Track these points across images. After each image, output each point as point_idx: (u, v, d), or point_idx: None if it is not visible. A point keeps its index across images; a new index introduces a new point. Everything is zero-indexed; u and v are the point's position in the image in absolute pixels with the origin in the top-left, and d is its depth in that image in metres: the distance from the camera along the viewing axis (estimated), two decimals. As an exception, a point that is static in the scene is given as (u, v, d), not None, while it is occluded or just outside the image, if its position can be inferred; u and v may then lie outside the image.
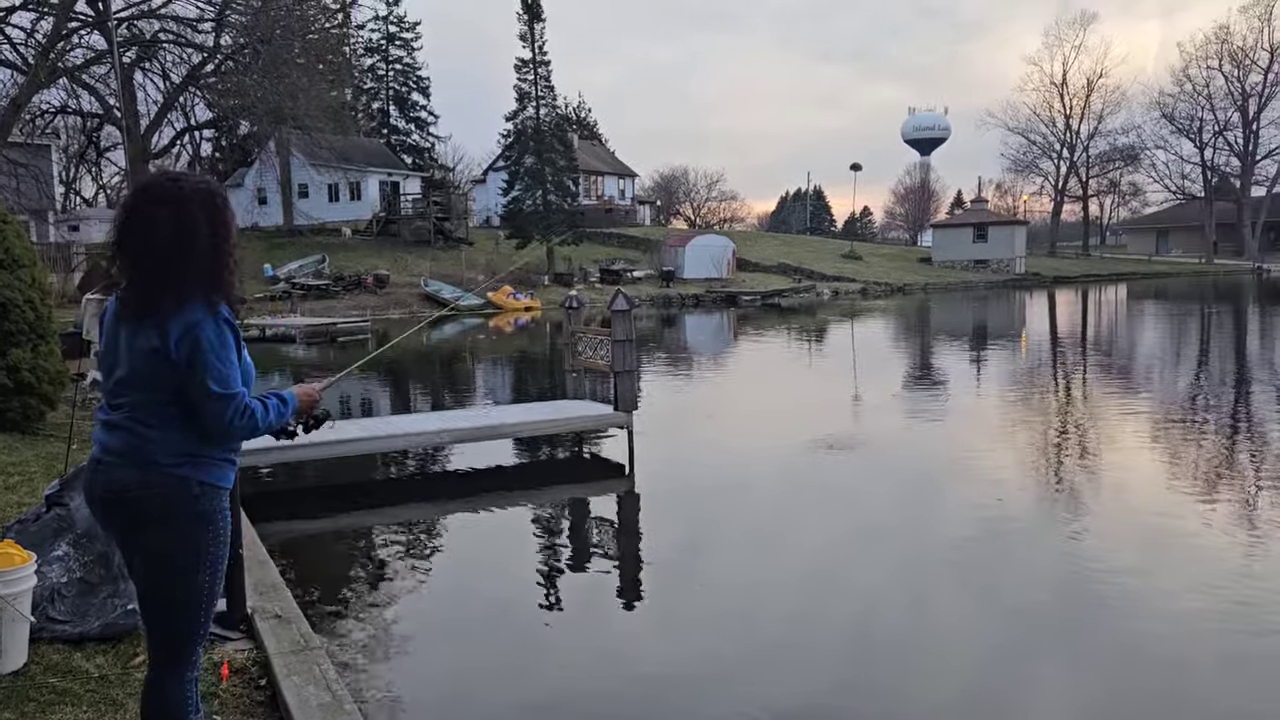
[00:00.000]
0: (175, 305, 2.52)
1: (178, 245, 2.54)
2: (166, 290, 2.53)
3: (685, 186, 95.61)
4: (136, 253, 2.57)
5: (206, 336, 2.51)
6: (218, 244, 2.61)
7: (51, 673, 3.84)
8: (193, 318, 2.52)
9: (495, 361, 23.00)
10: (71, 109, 38.19)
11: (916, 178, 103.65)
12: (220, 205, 2.66)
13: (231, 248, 2.65)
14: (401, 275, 40.74)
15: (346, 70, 47.92)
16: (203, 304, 2.55)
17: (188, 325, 2.51)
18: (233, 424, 2.55)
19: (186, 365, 2.51)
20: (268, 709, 3.70)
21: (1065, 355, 20.81)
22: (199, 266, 2.56)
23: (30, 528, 4.32)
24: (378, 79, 62.59)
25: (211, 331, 2.52)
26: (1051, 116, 79.57)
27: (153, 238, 2.55)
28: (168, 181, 2.65)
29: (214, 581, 2.70)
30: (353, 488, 9.50)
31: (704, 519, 8.11)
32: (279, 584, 5.06)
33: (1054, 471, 9.65)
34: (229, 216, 2.67)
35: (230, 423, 2.54)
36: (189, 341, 2.50)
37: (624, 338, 9.97)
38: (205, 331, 2.51)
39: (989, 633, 5.48)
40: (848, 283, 51.42)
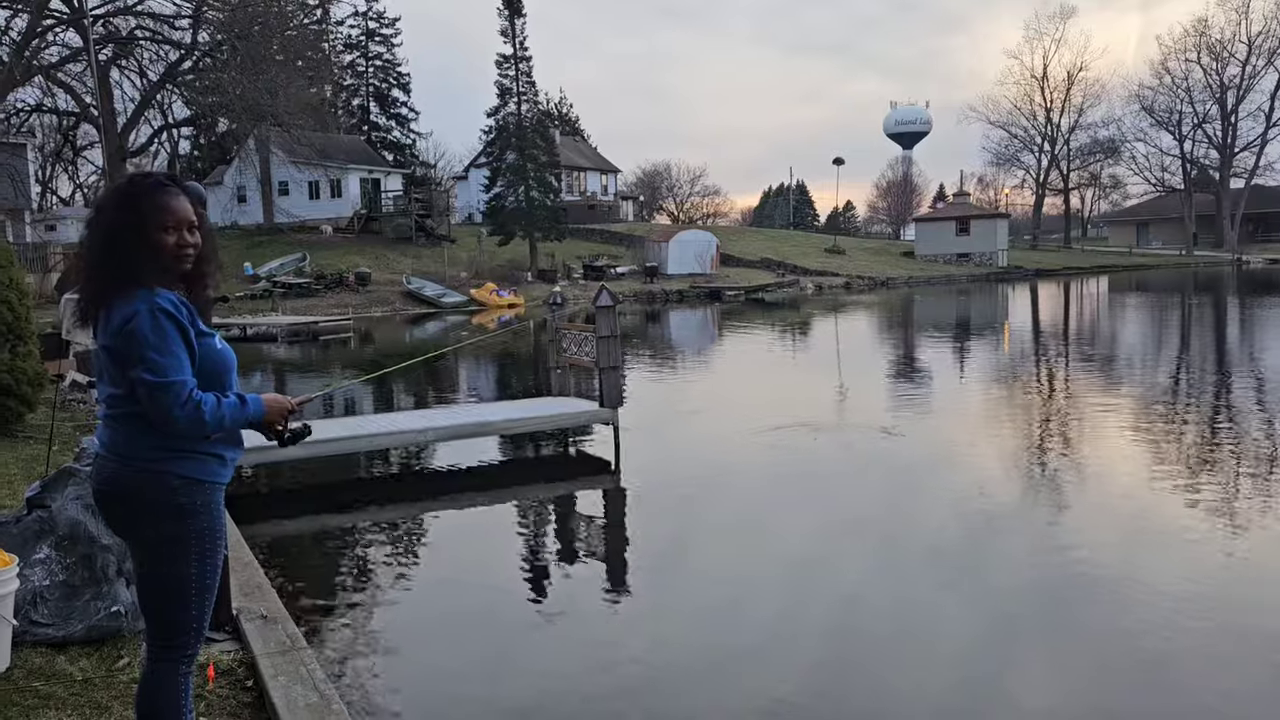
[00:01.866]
0: (112, 300, 2.60)
1: (101, 243, 2.66)
2: (102, 288, 2.63)
3: (668, 182, 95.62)
4: (84, 251, 2.74)
5: (141, 328, 2.54)
6: (138, 236, 2.61)
7: (35, 676, 3.80)
8: (127, 311, 2.56)
9: (479, 359, 22.94)
10: (47, 107, 37.82)
11: (899, 172, 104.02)
12: (135, 196, 2.66)
13: (152, 237, 2.62)
14: (383, 273, 40.58)
15: (326, 67, 47.63)
16: (139, 297, 2.57)
17: (123, 319, 2.56)
18: (172, 413, 2.53)
19: (124, 357, 2.56)
20: (254, 710, 3.68)
21: (1047, 347, 20.94)
22: (123, 261, 2.60)
23: (11, 530, 4.28)
24: (357, 75, 62.30)
25: (147, 323, 2.54)
26: (1032, 110, 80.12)
27: (88, 239, 2.70)
28: (111, 186, 2.72)
29: (203, 574, 2.70)
30: (337, 487, 9.45)
31: (690, 513, 8.11)
32: (264, 585, 5.03)
33: (1036, 462, 9.71)
34: (149, 205, 2.64)
35: (169, 411, 2.53)
36: (124, 334, 2.55)
37: (608, 334, 9.96)
38: (140, 323, 2.54)
39: (972, 623, 5.50)
40: (831, 277, 51.58)
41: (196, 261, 2.74)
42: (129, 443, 2.63)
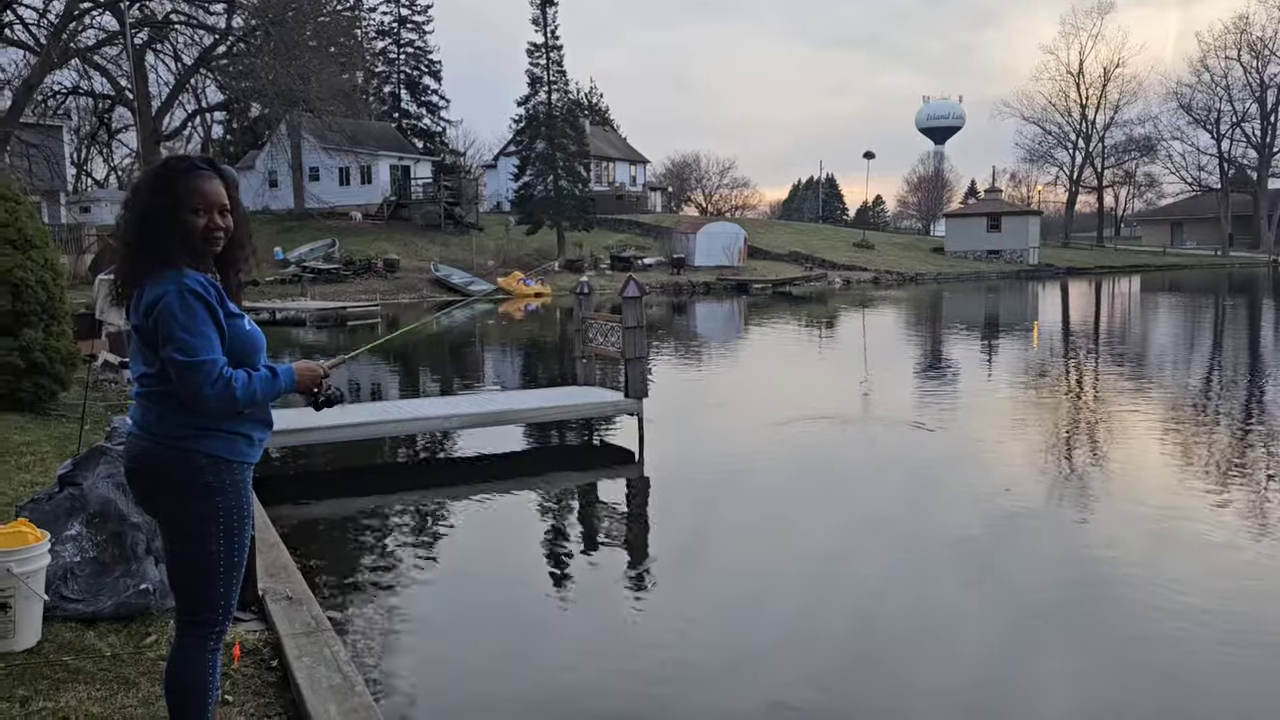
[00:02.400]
0: (143, 281, 2.64)
1: (135, 224, 2.68)
2: (134, 268, 2.67)
3: (697, 173, 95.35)
4: (119, 231, 2.79)
5: (170, 307, 2.57)
6: (169, 217, 2.65)
7: (64, 651, 3.86)
8: (157, 292, 2.59)
9: (505, 347, 23.02)
10: (83, 90, 38.20)
11: (930, 167, 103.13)
12: (168, 178, 2.68)
13: (183, 219, 2.65)
14: (411, 260, 40.78)
15: (358, 53, 47.87)
16: (168, 278, 2.61)
17: (153, 299, 2.59)
18: (203, 392, 2.56)
19: (155, 337, 2.60)
20: (279, 690, 3.71)
21: (1077, 347, 20.71)
22: (155, 242, 2.64)
23: (44, 507, 4.34)
24: (389, 62, 62.52)
25: (175, 302, 2.57)
26: (1067, 106, 79.08)
27: (124, 220, 2.73)
28: (148, 168, 2.79)
29: (230, 552, 2.74)
30: (362, 471, 9.52)
31: (713, 505, 8.10)
32: (290, 566, 5.07)
33: (1063, 462, 9.61)
34: (181, 187, 2.67)
35: (200, 390, 2.56)
36: (155, 314, 2.58)
37: (635, 324, 9.96)
38: (170, 302, 2.57)
39: (994, 624, 5.46)
40: (859, 271, 51.28)
41: (229, 245, 2.77)
42: (159, 421, 2.67)
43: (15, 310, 8.85)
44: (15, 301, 8.85)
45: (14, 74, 29.61)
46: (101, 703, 3.43)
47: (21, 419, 8.75)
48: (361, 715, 3.36)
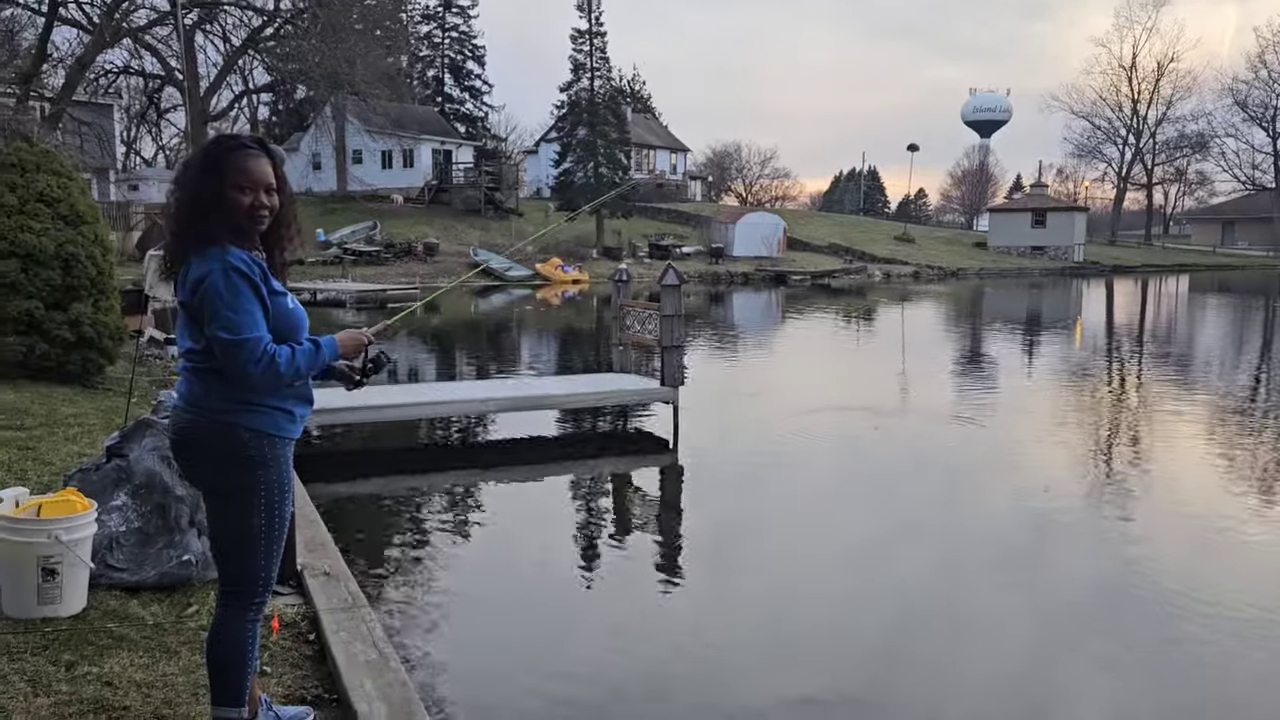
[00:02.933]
0: (190, 257, 2.68)
1: (183, 201, 2.73)
2: (181, 245, 2.72)
3: (738, 163, 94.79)
4: (167, 208, 2.81)
5: (215, 285, 2.61)
6: (215, 195, 2.68)
7: (109, 618, 3.95)
8: (202, 270, 2.64)
9: (542, 333, 23.11)
10: (134, 69, 38.76)
11: (975, 160, 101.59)
12: (216, 156, 2.72)
13: (228, 197, 2.68)
14: (451, 244, 41.02)
15: (403, 37, 48.13)
16: (212, 255, 2.64)
17: (198, 277, 2.64)
18: (248, 369, 2.61)
19: (200, 314, 2.65)
20: (315, 663, 3.77)
21: (1121, 346, 20.39)
22: (201, 219, 2.68)
23: (91, 477, 4.44)
24: (433, 46, 62.79)
25: (220, 280, 2.61)
26: (1118, 101, 77.53)
27: (173, 197, 2.77)
28: (198, 146, 2.79)
29: (271, 527, 2.79)
30: (398, 452, 9.62)
31: (747, 496, 8.10)
32: (328, 542, 5.15)
33: (1104, 463, 9.48)
34: (228, 165, 2.70)
35: (245, 367, 2.61)
36: (200, 292, 2.63)
37: (672, 313, 9.95)
38: (214, 280, 2.61)
39: (1029, 624, 5.41)
40: (900, 265, 50.79)
41: (274, 224, 2.81)
42: (204, 395, 2.72)
43: (65, 284, 9.04)
44: (66, 276, 9.03)
45: (68, 52, 30.12)
46: (144, 669, 3.51)
47: (69, 391, 8.94)
48: (396, 691, 3.41)
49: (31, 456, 6.41)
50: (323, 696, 3.50)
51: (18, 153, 9.34)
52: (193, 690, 3.36)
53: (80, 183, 9.79)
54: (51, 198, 9.13)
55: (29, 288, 8.82)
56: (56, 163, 9.51)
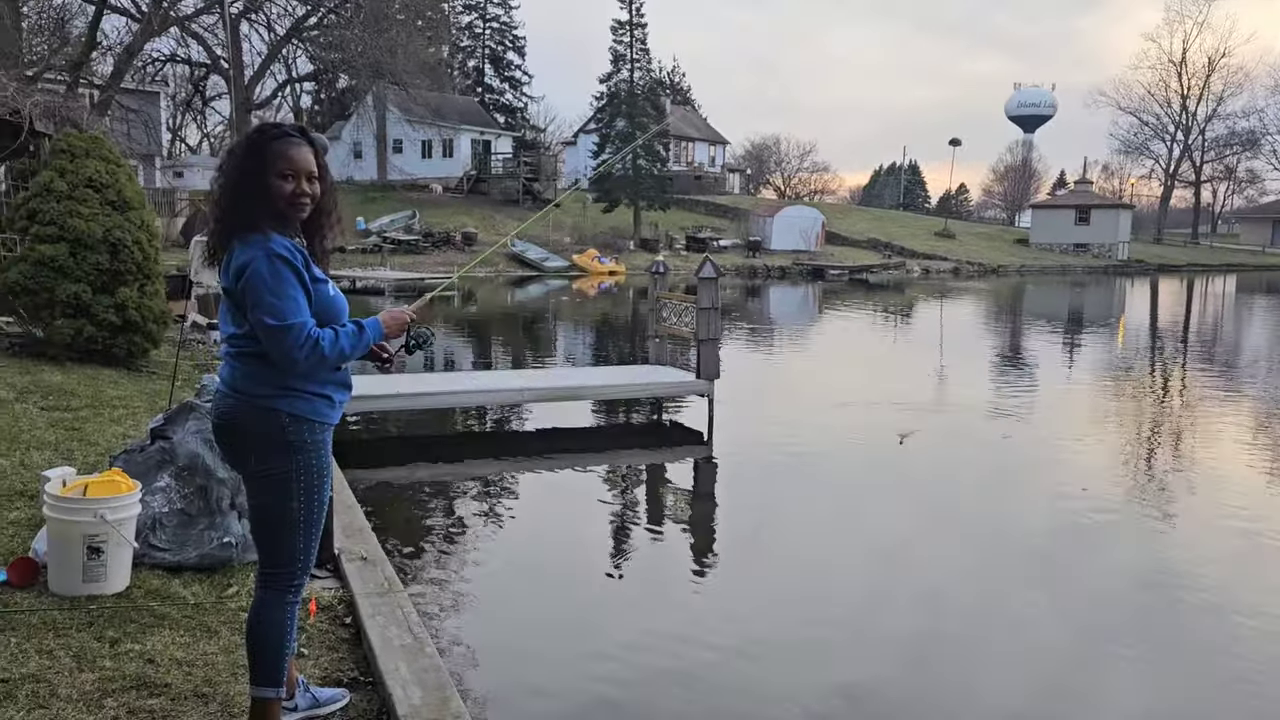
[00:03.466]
0: (235, 244, 2.72)
1: (227, 188, 2.77)
2: (225, 233, 2.75)
3: (776, 156, 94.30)
4: (212, 195, 2.85)
5: (258, 271, 2.64)
6: (257, 181, 2.72)
7: (151, 597, 4.02)
8: (245, 256, 2.67)
9: (577, 324, 23.16)
10: (181, 58, 39.22)
11: (1018, 156, 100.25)
12: (260, 144, 2.75)
13: (270, 184, 2.72)
14: (489, 234, 41.20)
15: (444, 27, 48.36)
16: (254, 242, 2.68)
17: (242, 264, 2.67)
18: (293, 354, 2.64)
19: (244, 300, 2.68)
20: (351, 646, 3.82)
21: (1165, 346, 20.05)
22: (243, 206, 2.72)
23: (136, 458, 4.52)
24: (474, 37, 63.04)
25: (264, 266, 2.64)
26: (1167, 97, 76.10)
27: (217, 184, 2.81)
28: (242, 133, 2.83)
29: (310, 510, 2.83)
30: (434, 440, 9.69)
31: (781, 490, 8.07)
32: (365, 527, 5.21)
33: (1144, 464, 9.34)
34: (270, 153, 2.73)
35: (290, 353, 2.64)
36: (244, 278, 2.66)
37: (709, 305, 9.93)
38: (258, 266, 2.64)
39: (1064, 626, 5.34)
40: (940, 261, 50.28)
41: (315, 211, 2.84)
42: (246, 380, 2.76)
43: (113, 269, 9.20)
44: (113, 260, 9.19)
45: (116, 40, 30.58)
46: (185, 648, 3.58)
47: (115, 374, 9.11)
48: (431, 675, 3.44)
49: (78, 437, 6.54)
50: (358, 679, 3.55)
51: (68, 139, 9.51)
52: (232, 669, 3.42)
53: (128, 169, 9.95)
54: (100, 183, 9.28)
55: (77, 272, 8.98)
56: (105, 149, 9.67)
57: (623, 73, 45.65)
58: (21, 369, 8.58)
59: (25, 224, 9.11)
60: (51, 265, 8.90)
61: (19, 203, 9.49)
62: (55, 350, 9.13)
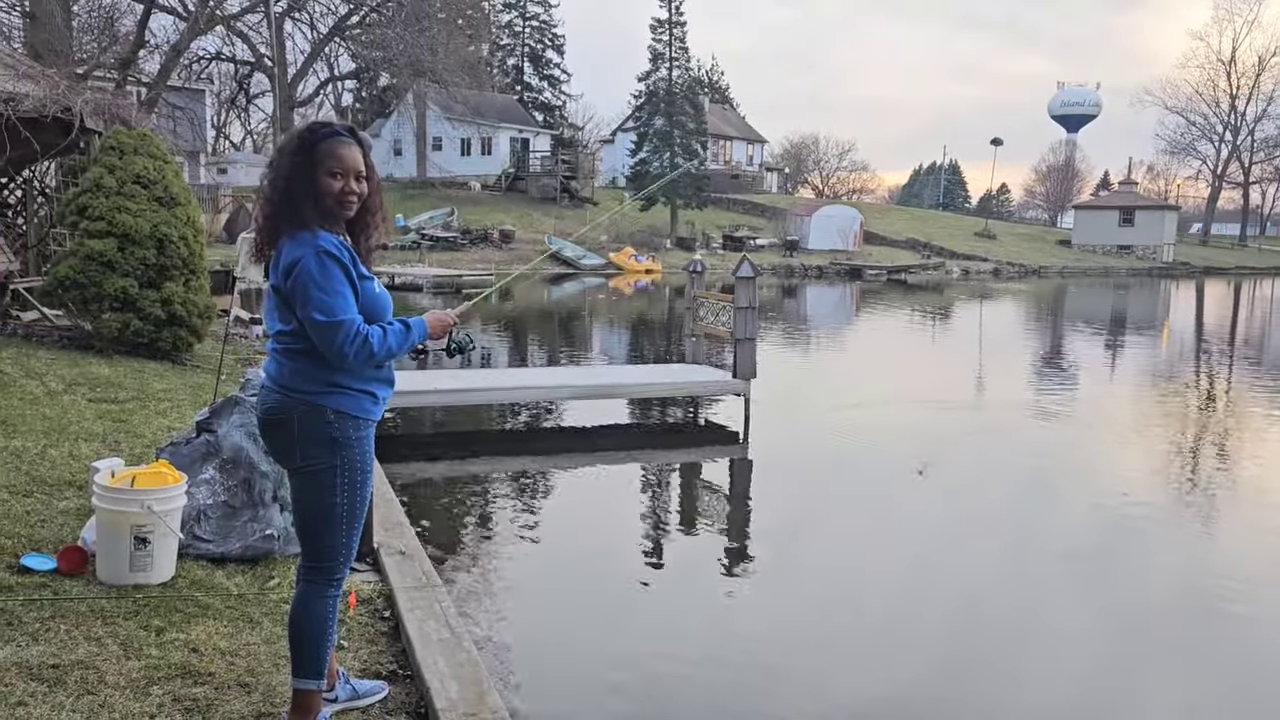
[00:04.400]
0: (283, 241, 2.75)
1: (275, 185, 2.79)
2: (274, 229, 2.79)
3: (815, 155, 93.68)
4: (261, 192, 2.86)
5: (308, 268, 2.67)
6: (307, 179, 2.75)
7: (196, 587, 4.10)
8: (295, 254, 2.70)
9: (613, 322, 23.20)
10: (226, 56, 39.78)
11: (1061, 156, 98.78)
12: (310, 141, 2.78)
13: (319, 181, 2.75)
14: (526, 231, 41.41)
15: (484, 25, 48.63)
16: (303, 239, 2.71)
17: (291, 261, 2.71)
18: (343, 350, 2.68)
19: (294, 297, 2.71)
20: (390, 639, 3.87)
21: (1210, 350, 19.68)
22: (292, 203, 2.75)
23: (181, 450, 4.60)
24: (513, 35, 63.29)
25: (313, 263, 2.68)
26: (1215, 96, 74.64)
27: (267, 181, 2.83)
28: (293, 131, 2.89)
29: (352, 505, 2.87)
30: (471, 436, 9.76)
31: (817, 491, 8.04)
32: (403, 522, 5.26)
33: (1187, 471, 9.18)
34: (320, 151, 2.76)
35: (340, 349, 2.68)
36: (294, 276, 2.69)
37: (746, 305, 9.91)
38: (307, 264, 2.68)
39: (1098, 634, 5.26)
40: (979, 262, 49.75)
41: (361, 210, 2.87)
42: (293, 376, 2.79)
43: (159, 264, 9.37)
44: (160, 255, 9.36)
45: (164, 39, 31.09)
46: (228, 638, 3.64)
47: (160, 367, 9.27)
48: (468, 670, 3.48)
49: (124, 429, 6.67)
50: (397, 672, 3.59)
51: (117, 136, 9.69)
52: (274, 660, 3.48)
53: (174, 166, 10.12)
54: (148, 180, 9.46)
55: (125, 266, 9.15)
56: (153, 146, 9.84)
57: (661, 71, 45.66)
58: (70, 361, 8.77)
59: (75, 219, 9.31)
60: (100, 260, 9.08)
61: (69, 198, 9.69)
62: (103, 343, 9.32)
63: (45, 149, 10.01)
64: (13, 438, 6.03)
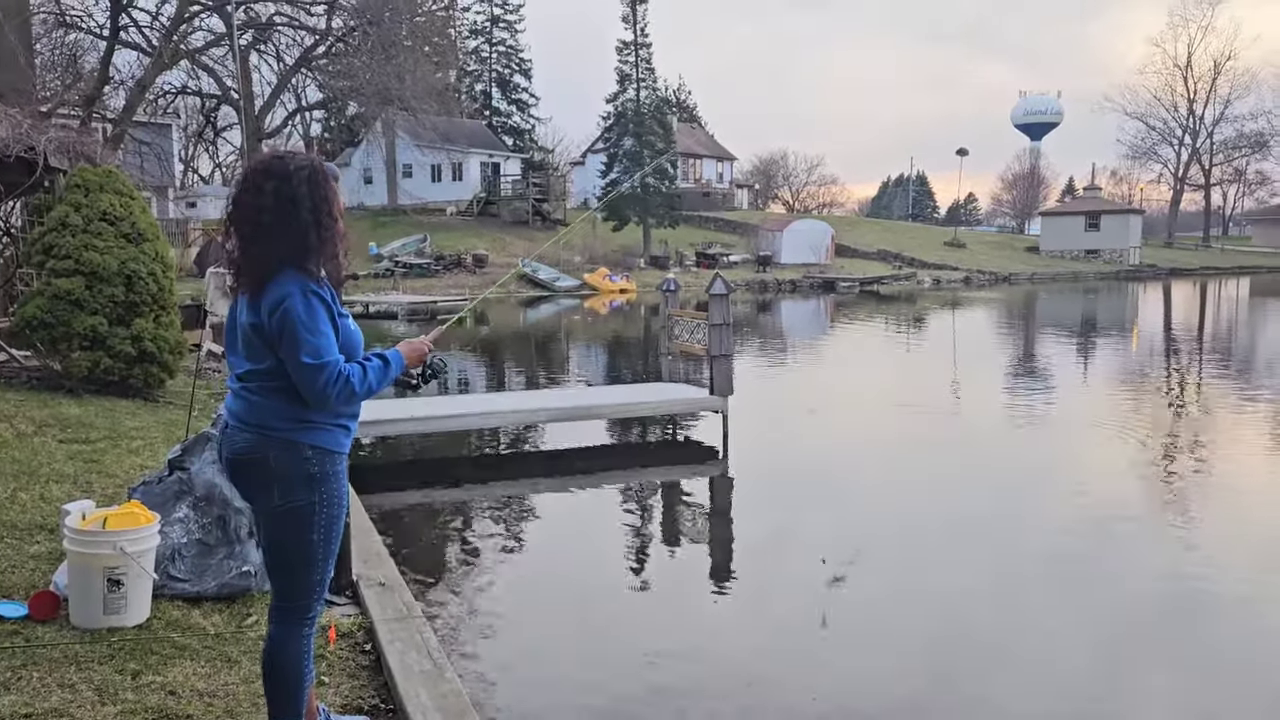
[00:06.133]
0: (270, 277, 2.65)
1: (278, 217, 2.65)
2: (263, 262, 2.66)
3: (784, 170, 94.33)
4: (241, 225, 2.71)
5: (295, 309, 2.60)
6: (319, 218, 2.70)
7: (172, 628, 4.03)
8: (283, 291, 2.62)
9: (590, 343, 23.19)
10: (191, 90, 39.70)
11: (1026, 164, 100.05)
12: (323, 180, 2.73)
13: (333, 222, 2.72)
14: (500, 255, 41.34)
15: (452, 52, 48.61)
16: (296, 277, 2.64)
17: (278, 299, 2.62)
18: (326, 391, 2.63)
19: (278, 338, 2.63)
20: (372, 673, 3.82)
21: (1180, 350, 19.92)
22: (297, 240, 2.66)
23: (154, 489, 4.54)
24: (481, 61, 63.41)
25: (300, 304, 2.61)
26: (1174, 101, 76.01)
27: (257, 210, 2.67)
28: (275, 158, 2.76)
29: (328, 542, 2.82)
30: (448, 463, 9.70)
31: (797, 507, 8.04)
32: (382, 552, 5.21)
33: (1163, 471, 9.26)
34: (332, 193, 2.74)
35: (324, 390, 2.62)
36: (279, 315, 2.61)
37: (721, 321, 9.93)
38: (294, 304, 2.60)
39: (1087, 638, 5.29)
40: (950, 271, 50.19)
41: None
42: (266, 414, 2.72)
43: (128, 300, 9.27)
44: (128, 292, 9.27)
45: (128, 74, 30.94)
46: (206, 679, 3.58)
47: (132, 405, 9.16)
48: (451, 701, 3.44)
49: (96, 469, 6.58)
50: (379, 706, 3.55)
51: (82, 174, 9.61)
52: (253, 700, 3.42)
53: (141, 201, 10.04)
54: (114, 216, 9.38)
55: (93, 304, 9.06)
56: (119, 182, 9.77)
57: (629, 92, 45.88)
58: (40, 402, 8.65)
59: (42, 258, 9.20)
60: (68, 299, 8.98)
61: (35, 237, 9.59)
62: (73, 383, 9.20)
63: (9, 189, 9.92)
64: (-19, 482, 5.93)
